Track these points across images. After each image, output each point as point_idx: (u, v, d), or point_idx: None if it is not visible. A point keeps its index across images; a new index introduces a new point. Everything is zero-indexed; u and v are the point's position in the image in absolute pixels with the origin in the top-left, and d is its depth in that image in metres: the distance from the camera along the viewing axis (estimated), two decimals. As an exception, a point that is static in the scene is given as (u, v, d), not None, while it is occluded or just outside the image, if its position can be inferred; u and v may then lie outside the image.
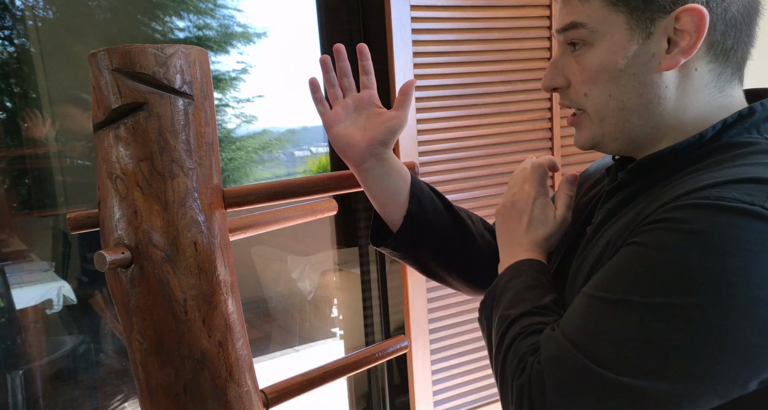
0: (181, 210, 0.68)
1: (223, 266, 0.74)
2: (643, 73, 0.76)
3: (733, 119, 0.75)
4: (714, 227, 0.62)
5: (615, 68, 0.77)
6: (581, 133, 0.84)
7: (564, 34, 0.81)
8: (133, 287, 0.69)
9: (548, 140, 2.51)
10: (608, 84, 0.78)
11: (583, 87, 0.80)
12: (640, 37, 0.76)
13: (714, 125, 0.76)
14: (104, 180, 0.70)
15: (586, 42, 0.78)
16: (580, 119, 0.83)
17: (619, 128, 0.80)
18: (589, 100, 0.80)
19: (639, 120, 0.79)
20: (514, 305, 0.80)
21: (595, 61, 0.78)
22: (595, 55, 0.78)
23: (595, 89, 0.79)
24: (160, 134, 0.66)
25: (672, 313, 0.62)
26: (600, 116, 0.80)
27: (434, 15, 2.20)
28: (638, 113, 0.78)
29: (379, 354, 0.97)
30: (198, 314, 0.70)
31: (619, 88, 0.78)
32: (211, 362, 0.71)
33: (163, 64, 0.64)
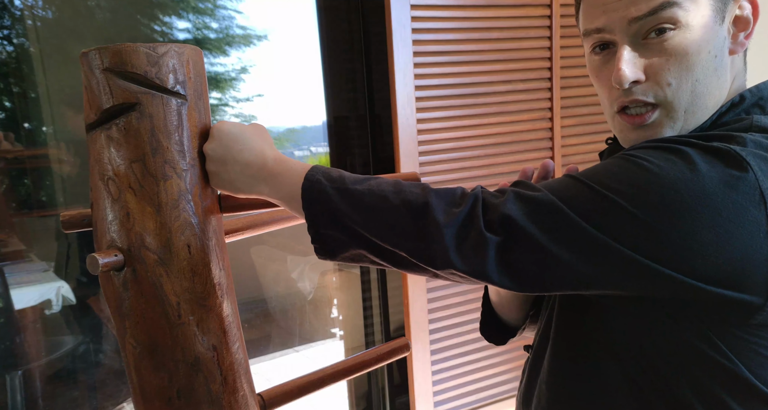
0: (174, 212, 0.67)
1: (219, 269, 0.73)
2: (721, 55, 0.76)
3: (726, 107, 0.78)
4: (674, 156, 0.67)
5: (705, 51, 0.75)
6: (659, 130, 0.78)
7: (648, 20, 0.74)
8: (126, 290, 0.68)
9: (548, 140, 2.51)
10: (697, 68, 0.75)
11: (668, 76, 0.75)
12: (719, 18, 0.75)
13: (712, 116, 0.78)
14: (97, 181, 0.69)
15: (678, 24, 0.73)
16: (656, 117, 0.78)
17: (698, 116, 0.78)
18: (672, 90, 0.76)
19: (712, 104, 0.78)
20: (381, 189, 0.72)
21: (689, 44, 0.74)
22: (689, 37, 0.73)
23: (682, 76, 0.75)
24: (152, 135, 0.65)
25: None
26: (683, 106, 0.77)
27: (434, 15, 2.19)
28: (714, 98, 0.78)
29: (381, 356, 0.96)
30: (192, 317, 0.69)
31: (704, 71, 0.75)
32: (205, 366, 0.70)
33: (155, 64, 0.63)
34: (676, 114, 0.77)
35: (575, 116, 2.55)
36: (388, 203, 0.69)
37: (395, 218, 0.68)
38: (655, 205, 0.64)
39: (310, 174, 0.70)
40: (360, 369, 0.95)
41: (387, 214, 0.69)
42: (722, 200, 0.64)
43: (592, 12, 0.78)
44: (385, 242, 0.69)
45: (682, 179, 0.64)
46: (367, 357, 0.97)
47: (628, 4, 0.74)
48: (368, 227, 0.69)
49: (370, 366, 0.96)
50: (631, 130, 0.80)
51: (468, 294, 2.40)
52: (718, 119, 0.78)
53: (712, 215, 0.63)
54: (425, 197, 0.69)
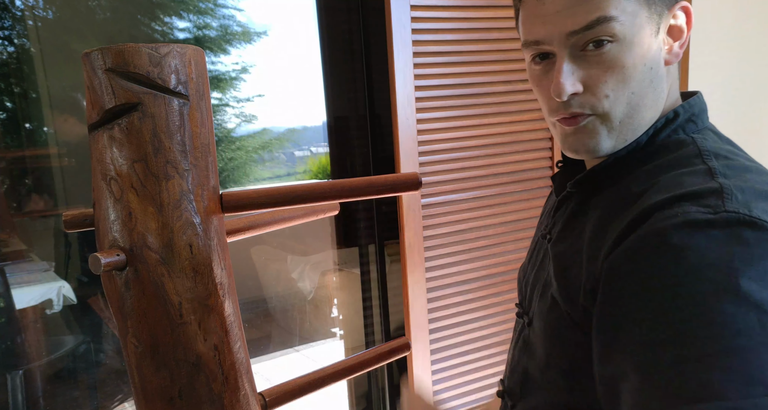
0: (176, 212, 0.67)
1: (220, 269, 0.73)
2: (657, 66, 0.77)
3: (661, 124, 0.79)
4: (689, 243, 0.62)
5: (641, 63, 0.75)
6: (596, 139, 0.79)
7: (585, 34, 0.74)
8: (128, 290, 0.68)
9: (548, 140, 2.51)
10: (633, 80, 0.75)
11: (605, 88, 0.76)
12: (655, 30, 0.76)
13: (647, 131, 0.79)
14: (99, 181, 0.69)
15: (615, 37, 0.74)
16: (589, 124, 0.78)
17: (634, 127, 0.79)
18: (610, 102, 0.76)
19: (650, 115, 0.79)
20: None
21: (626, 57, 0.74)
22: (625, 51, 0.74)
23: (619, 88, 0.76)
24: (154, 135, 0.65)
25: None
26: (619, 117, 0.77)
27: (434, 15, 2.19)
28: (650, 110, 0.78)
29: (382, 355, 0.96)
30: (193, 317, 0.69)
31: (641, 82, 0.76)
32: (207, 366, 0.71)
33: (158, 64, 0.64)
34: (612, 124, 0.77)
35: (575, 116, 2.55)
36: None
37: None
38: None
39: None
40: (360, 369, 0.95)
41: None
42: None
43: (531, 23, 0.78)
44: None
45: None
46: (368, 356, 0.97)
47: (565, 18, 0.74)
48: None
49: (371, 365, 0.96)
50: (570, 135, 0.80)
51: (468, 294, 2.40)
52: (655, 135, 0.79)
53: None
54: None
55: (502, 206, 2.43)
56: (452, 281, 2.36)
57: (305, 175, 4.21)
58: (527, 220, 2.49)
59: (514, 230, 2.47)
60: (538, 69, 0.81)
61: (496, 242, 2.44)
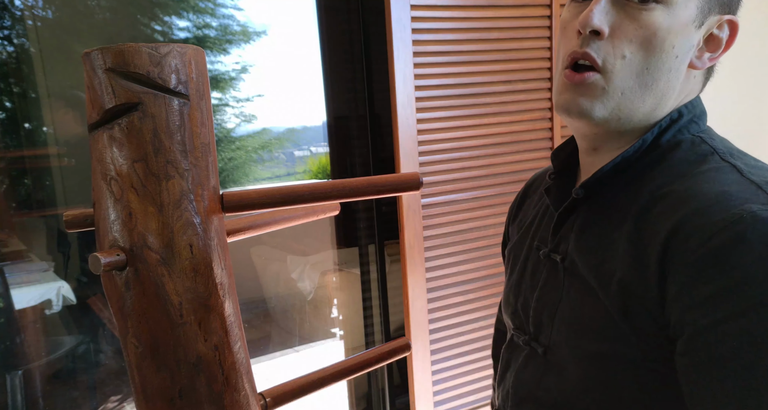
0: (176, 212, 0.67)
1: (221, 269, 0.73)
2: (682, 59, 0.73)
3: (666, 123, 0.76)
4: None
5: (672, 42, 0.70)
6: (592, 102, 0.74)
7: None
8: (128, 290, 0.68)
9: (548, 140, 2.51)
10: (654, 54, 0.71)
11: (627, 46, 0.71)
12: (697, 22, 0.71)
13: (653, 130, 0.75)
14: (99, 181, 0.69)
15: (665, 1, 0.69)
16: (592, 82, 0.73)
17: (633, 107, 0.74)
18: (624, 64, 0.71)
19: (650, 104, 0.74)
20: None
21: (663, 25, 0.69)
22: (667, 19, 0.69)
23: (638, 54, 0.70)
24: (154, 135, 0.65)
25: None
26: (622, 87, 0.72)
27: (434, 15, 2.19)
28: (655, 96, 0.74)
29: (383, 356, 0.96)
30: (194, 317, 0.69)
31: (660, 63, 0.71)
32: (207, 366, 0.70)
33: (158, 64, 0.63)
34: (613, 90, 0.72)
35: (575, 116, 2.55)
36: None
37: None
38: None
39: None
40: (361, 369, 0.95)
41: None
42: None
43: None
44: None
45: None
46: (368, 356, 0.97)
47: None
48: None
49: (371, 365, 0.96)
50: (568, 90, 0.75)
51: (468, 294, 2.40)
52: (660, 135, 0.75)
53: None
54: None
55: (502, 206, 2.43)
56: (452, 281, 2.36)
57: (305, 175, 4.22)
58: (527, 220, 2.49)
59: (514, 230, 2.47)
60: (573, 8, 0.77)
61: (496, 242, 2.43)
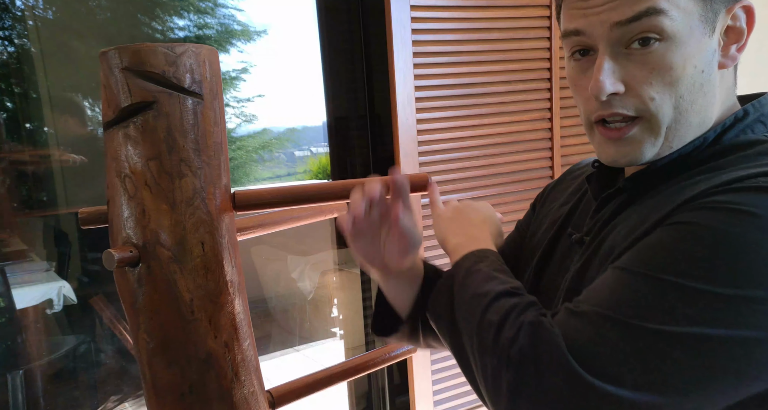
0: (189, 210, 0.68)
1: (231, 267, 0.74)
2: (709, 70, 0.70)
3: (730, 122, 0.72)
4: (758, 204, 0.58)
5: (692, 65, 0.68)
6: (640, 149, 0.72)
7: (630, 26, 0.67)
8: (141, 286, 0.68)
9: (548, 140, 2.51)
10: (682, 84, 0.69)
11: (650, 90, 0.69)
12: (708, 30, 0.69)
13: (715, 129, 0.72)
14: (113, 179, 0.70)
15: (664, 34, 0.67)
16: (636, 132, 0.71)
17: (681, 134, 0.71)
18: (656, 105, 0.69)
19: (697, 122, 0.72)
20: (489, 283, 0.73)
21: (674, 58, 0.68)
22: (674, 50, 0.68)
23: (666, 91, 0.69)
24: (168, 133, 0.66)
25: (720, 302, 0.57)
26: (666, 123, 0.70)
27: (434, 15, 2.20)
28: (699, 115, 0.71)
29: (387, 356, 0.96)
30: (204, 314, 0.70)
31: (691, 86, 0.69)
32: (217, 362, 0.71)
33: (173, 63, 0.64)
34: (659, 130, 0.71)
35: (575, 116, 2.56)
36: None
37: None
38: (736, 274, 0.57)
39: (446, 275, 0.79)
40: (366, 369, 0.96)
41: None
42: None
43: (573, 13, 0.72)
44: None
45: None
46: (373, 356, 0.98)
47: (610, 8, 0.68)
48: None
49: (376, 365, 0.97)
50: (610, 144, 0.73)
51: (468, 294, 2.40)
52: (722, 135, 0.72)
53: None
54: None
55: (502, 206, 2.44)
56: (452, 280, 2.36)
57: (305, 175, 4.22)
58: (527, 220, 2.49)
59: (513, 229, 2.47)
60: (576, 66, 0.75)
61: (495, 242, 2.44)
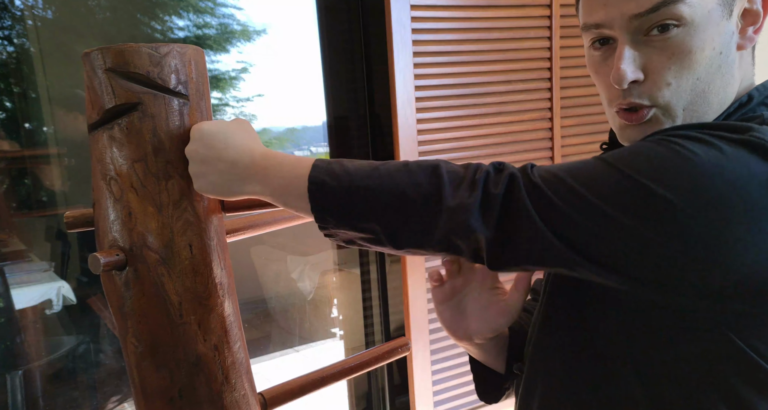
0: (176, 212, 0.67)
1: (220, 269, 0.73)
2: (727, 52, 0.73)
3: (734, 108, 0.75)
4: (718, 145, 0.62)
5: (710, 47, 0.71)
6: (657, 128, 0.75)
7: (651, 16, 0.70)
8: (128, 289, 0.68)
9: (548, 140, 2.51)
10: (698, 66, 0.71)
11: (668, 75, 0.72)
12: (726, 13, 0.72)
13: (718, 116, 0.75)
14: (99, 181, 0.69)
15: (683, 21, 0.70)
16: (652, 116, 0.75)
17: (699, 114, 0.75)
18: (672, 90, 0.73)
19: (717, 101, 0.75)
20: (398, 171, 0.69)
21: (693, 42, 0.70)
22: (693, 34, 0.70)
23: (683, 75, 0.72)
24: (154, 135, 0.65)
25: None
26: (682, 105, 0.74)
27: (434, 15, 2.19)
28: (719, 94, 0.74)
29: (381, 355, 0.96)
30: (193, 317, 0.69)
31: (709, 68, 0.72)
32: (206, 365, 0.71)
33: (158, 64, 0.63)
34: (674, 112, 0.74)
35: (575, 116, 2.56)
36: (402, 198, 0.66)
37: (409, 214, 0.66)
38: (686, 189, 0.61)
39: (313, 176, 0.66)
40: (360, 369, 0.95)
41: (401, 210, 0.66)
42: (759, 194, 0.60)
43: (592, 6, 0.75)
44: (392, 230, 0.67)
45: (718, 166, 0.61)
46: (368, 356, 0.97)
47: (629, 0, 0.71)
48: (381, 224, 0.67)
49: (370, 365, 0.96)
50: (631, 128, 0.77)
51: (468, 294, 2.40)
52: (726, 119, 0.75)
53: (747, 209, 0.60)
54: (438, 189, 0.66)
55: (502, 206, 2.43)
56: (452, 281, 2.36)
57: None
58: (527, 220, 2.49)
59: (513, 230, 2.47)
60: (597, 55, 0.78)
61: (495, 242, 2.43)
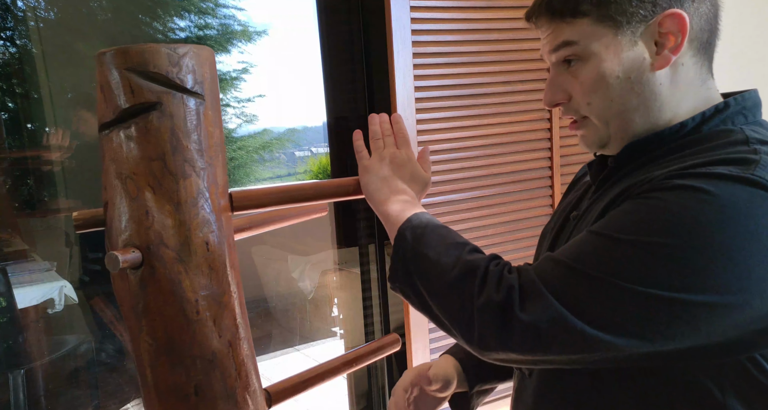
0: (193, 210, 0.68)
1: (231, 266, 0.74)
2: (638, 75, 0.84)
3: (710, 113, 0.84)
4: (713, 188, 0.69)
5: (612, 76, 0.83)
6: (588, 136, 0.90)
7: (556, 54, 0.87)
8: (143, 288, 0.69)
9: (548, 141, 2.52)
10: (608, 91, 0.84)
11: (585, 98, 0.86)
12: (628, 44, 0.83)
13: (694, 117, 0.84)
14: (112, 180, 0.70)
15: (581, 57, 0.85)
16: (584, 124, 0.90)
17: (623, 128, 0.86)
18: (592, 108, 0.86)
19: (640, 118, 0.86)
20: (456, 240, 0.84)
21: (593, 74, 0.84)
22: (591, 68, 0.84)
23: (596, 97, 0.85)
24: (172, 134, 0.66)
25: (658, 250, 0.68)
26: (605, 120, 0.87)
27: (434, 15, 2.20)
28: (639, 112, 0.85)
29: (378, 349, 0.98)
30: (209, 314, 0.70)
31: (619, 92, 0.84)
32: (221, 362, 0.71)
33: (176, 64, 0.64)
34: (599, 124, 0.87)
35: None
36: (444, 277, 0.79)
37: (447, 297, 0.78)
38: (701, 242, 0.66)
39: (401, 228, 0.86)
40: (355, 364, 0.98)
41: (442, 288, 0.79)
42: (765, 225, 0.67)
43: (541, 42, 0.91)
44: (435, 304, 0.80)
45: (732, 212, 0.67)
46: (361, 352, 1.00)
47: (547, 41, 0.87)
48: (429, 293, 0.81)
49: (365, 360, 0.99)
50: (578, 136, 0.92)
51: (468, 293, 2.41)
52: (703, 123, 0.84)
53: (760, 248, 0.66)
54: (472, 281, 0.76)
55: (502, 206, 2.44)
56: (452, 280, 2.37)
57: (306, 175, 4.22)
58: (527, 220, 2.50)
59: (513, 230, 2.48)
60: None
61: (496, 242, 2.45)
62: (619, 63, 0.83)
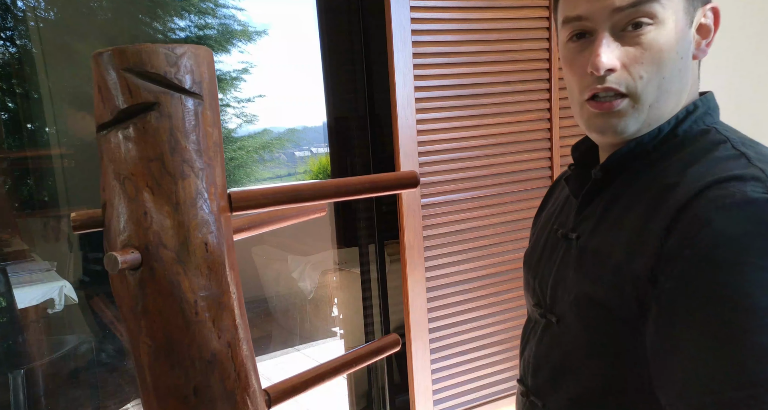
0: (192, 211, 0.68)
1: (230, 267, 0.74)
2: (686, 57, 0.80)
3: (683, 115, 0.82)
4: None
5: (673, 50, 0.78)
6: (625, 121, 0.81)
7: (629, 11, 0.76)
8: (142, 289, 0.68)
9: (547, 141, 2.52)
10: (665, 66, 0.78)
11: (640, 69, 0.78)
12: (689, 22, 0.79)
13: (669, 121, 0.81)
14: (111, 181, 0.69)
15: (656, 20, 0.77)
16: (623, 106, 0.80)
17: (660, 113, 0.81)
18: (643, 83, 0.79)
19: (673, 103, 0.81)
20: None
21: (662, 41, 0.77)
22: (664, 34, 0.77)
23: (653, 71, 0.78)
24: (171, 134, 0.66)
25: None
26: (649, 101, 0.79)
27: (434, 15, 2.20)
28: (675, 97, 0.81)
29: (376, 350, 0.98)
30: (209, 315, 0.70)
31: (670, 70, 0.78)
32: (221, 363, 0.71)
33: (174, 64, 0.64)
34: (642, 107, 0.80)
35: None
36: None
37: None
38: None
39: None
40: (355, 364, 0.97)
41: None
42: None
43: (574, 1, 0.80)
44: None
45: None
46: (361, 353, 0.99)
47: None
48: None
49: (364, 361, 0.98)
50: (598, 116, 0.82)
51: (468, 294, 2.41)
52: (677, 126, 0.81)
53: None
54: None
55: (502, 206, 2.44)
56: (452, 281, 2.37)
57: (305, 175, 4.23)
58: (527, 220, 2.50)
59: (513, 229, 2.48)
60: (573, 47, 0.83)
61: (496, 242, 2.45)
62: (682, 38, 0.78)
